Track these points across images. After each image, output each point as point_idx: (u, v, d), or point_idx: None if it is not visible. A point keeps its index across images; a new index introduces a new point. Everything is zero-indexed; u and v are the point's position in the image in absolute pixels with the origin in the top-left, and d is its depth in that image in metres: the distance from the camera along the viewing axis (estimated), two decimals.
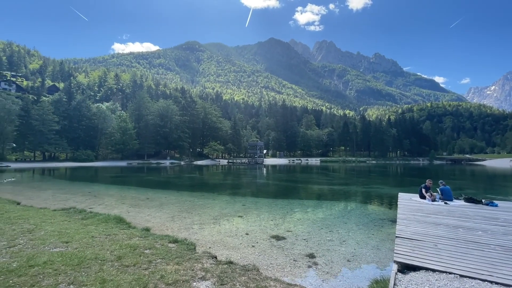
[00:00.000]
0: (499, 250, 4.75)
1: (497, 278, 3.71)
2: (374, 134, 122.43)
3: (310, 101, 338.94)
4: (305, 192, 19.38)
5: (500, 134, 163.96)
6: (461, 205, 9.12)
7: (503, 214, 7.74)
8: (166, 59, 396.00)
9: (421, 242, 5.20)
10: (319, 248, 6.26)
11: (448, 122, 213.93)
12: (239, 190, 19.98)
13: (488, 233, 5.83)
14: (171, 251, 5.07)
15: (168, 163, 67.68)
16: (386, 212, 10.98)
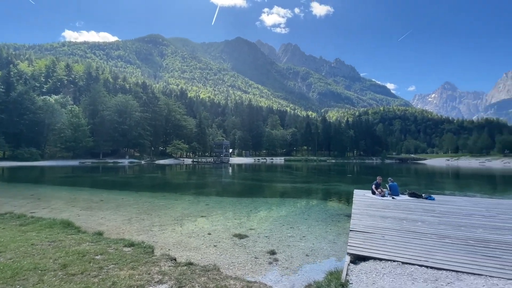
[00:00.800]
0: (434, 238, 5.39)
1: (432, 263, 4.19)
2: (334, 135, 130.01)
3: (275, 101, 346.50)
4: (269, 190, 19.76)
5: (438, 137, 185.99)
6: (405, 200, 10.13)
7: (439, 206, 8.80)
8: (126, 51, 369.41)
9: (371, 234, 5.66)
10: (280, 244, 6.43)
11: (397, 125, 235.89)
12: (203, 189, 19.59)
13: (426, 223, 6.58)
14: (125, 256, 4.76)
15: (127, 162, 63.48)
16: (343, 207, 11.73)
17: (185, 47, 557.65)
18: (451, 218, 7.12)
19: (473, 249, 4.78)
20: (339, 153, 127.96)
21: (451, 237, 5.46)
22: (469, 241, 5.23)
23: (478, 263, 4.15)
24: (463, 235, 5.61)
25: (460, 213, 7.75)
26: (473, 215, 7.56)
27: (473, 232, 5.83)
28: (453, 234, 5.63)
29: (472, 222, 6.68)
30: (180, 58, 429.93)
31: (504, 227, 6.21)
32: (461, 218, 7.13)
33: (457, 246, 4.93)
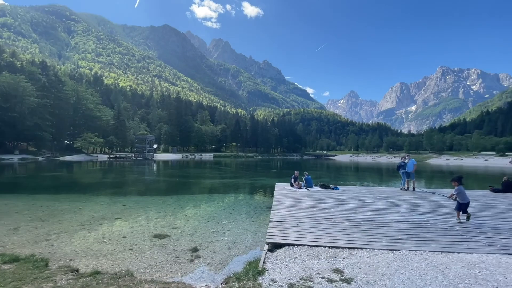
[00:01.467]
0: (336, 222, 6.34)
1: (333, 243, 4.92)
2: (261, 133, 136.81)
3: (205, 96, 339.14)
4: (197, 187, 19.26)
5: (344, 136, 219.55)
6: (317, 191, 11.57)
7: (342, 195, 10.40)
8: (16, 21, 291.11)
9: (287, 223, 6.23)
10: (203, 241, 6.36)
11: (314, 125, 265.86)
12: (120, 189, 17.50)
13: (331, 210, 7.68)
14: (4, 275, 3.81)
15: (17, 158, 50.86)
16: (266, 200, 12.49)
17: (101, 27, 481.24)
18: (350, 205, 8.53)
19: (363, 228, 5.86)
20: (265, 149, 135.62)
21: (348, 220, 6.55)
22: (361, 222, 6.38)
23: (365, 239, 5.12)
24: (357, 217, 6.81)
25: (356, 200, 9.36)
26: (365, 200, 9.26)
27: (364, 214, 7.14)
28: (350, 218, 6.76)
29: (364, 207, 8.17)
30: (94, 38, 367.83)
31: (384, 209, 7.84)
32: (356, 204, 8.63)
33: (352, 227, 5.95)
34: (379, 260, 4.14)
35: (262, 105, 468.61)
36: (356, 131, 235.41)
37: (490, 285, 3.30)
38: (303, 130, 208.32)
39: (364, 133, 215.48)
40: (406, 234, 5.40)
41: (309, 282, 3.44)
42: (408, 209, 7.94)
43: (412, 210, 7.73)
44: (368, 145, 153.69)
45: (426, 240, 5.06)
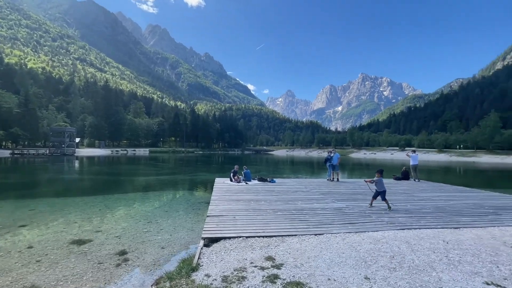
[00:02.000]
0: (270, 213, 6.69)
1: (267, 233, 5.18)
2: (202, 127, 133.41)
3: (140, 86, 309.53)
4: (129, 185, 17.57)
5: (282, 132, 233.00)
6: (255, 184, 11.97)
7: (277, 187, 11.03)
8: None
9: (225, 217, 6.26)
10: (132, 242, 5.87)
11: (254, 121, 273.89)
12: (28, 191, 14.59)
13: (267, 202, 8.06)
14: None
15: None
16: (205, 196, 12.30)
17: None
18: (284, 196, 9.11)
19: (294, 217, 6.35)
20: (207, 144, 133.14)
21: (282, 210, 6.99)
22: (293, 211, 6.90)
23: (295, 227, 5.56)
24: (289, 207, 7.33)
25: (290, 191, 10.07)
26: (297, 191, 10.04)
27: (295, 204, 7.74)
28: (283, 208, 7.23)
29: (296, 197, 8.85)
30: None
31: (313, 199, 8.66)
32: (290, 195, 9.28)
33: (285, 216, 6.38)
34: (307, 244, 4.56)
35: (203, 99, 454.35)
36: (292, 128, 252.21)
37: (389, 255, 4.02)
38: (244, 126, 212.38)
39: (299, 130, 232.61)
40: (329, 219, 6.09)
41: (242, 272, 3.54)
42: (332, 197, 8.97)
43: (336, 198, 8.76)
44: (302, 141, 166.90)
45: (345, 223, 5.81)
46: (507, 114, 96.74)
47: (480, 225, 5.78)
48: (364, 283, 3.19)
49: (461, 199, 8.88)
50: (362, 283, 3.17)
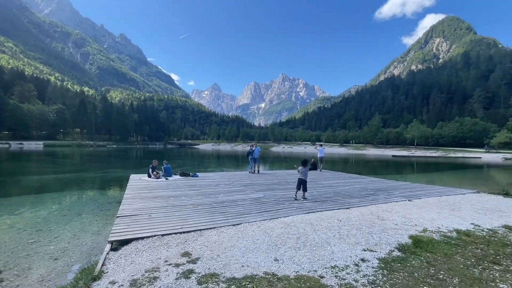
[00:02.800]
0: (190, 208, 6.54)
1: (185, 228, 5.03)
2: (116, 118, 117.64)
3: (29, 64, 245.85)
4: (15, 187, 13.87)
5: (208, 126, 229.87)
6: (177, 179, 11.44)
7: (200, 182, 10.85)
8: None
9: (138, 216, 5.74)
10: (11, 258, 4.70)
11: (179, 114, 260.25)
12: None
13: (188, 197, 7.83)
14: None
15: None
16: (117, 194, 10.97)
17: None
18: (206, 190, 9.04)
19: (214, 210, 6.39)
20: (122, 137, 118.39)
21: (202, 204, 6.93)
22: (213, 204, 6.93)
23: (215, 220, 5.60)
24: (210, 201, 7.34)
25: (212, 185, 10.07)
26: (219, 184, 10.14)
27: (216, 197, 7.80)
28: (204, 202, 7.18)
29: (217, 190, 8.93)
30: None
31: (234, 191, 8.92)
32: (212, 188, 9.28)
33: (205, 210, 6.34)
34: (225, 235, 4.67)
35: (118, 86, 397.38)
36: (218, 122, 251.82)
37: (296, 236, 4.55)
38: (167, 118, 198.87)
39: (225, 124, 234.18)
40: (248, 209, 6.41)
41: (155, 272, 3.34)
42: (252, 188, 9.46)
43: (255, 189, 9.28)
44: (228, 135, 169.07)
45: (261, 212, 6.23)
46: (386, 116, 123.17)
47: (364, 205, 7.20)
48: (273, 264, 3.51)
49: (353, 185, 10.84)
50: (272, 265, 3.49)
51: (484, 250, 4.00)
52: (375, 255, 3.79)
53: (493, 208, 6.85)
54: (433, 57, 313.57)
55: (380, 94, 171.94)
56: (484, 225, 5.37)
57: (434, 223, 5.49)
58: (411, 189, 9.88)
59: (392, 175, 20.78)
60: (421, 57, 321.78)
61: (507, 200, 8.15)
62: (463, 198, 8.23)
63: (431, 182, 15.36)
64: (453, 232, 4.86)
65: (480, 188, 11.14)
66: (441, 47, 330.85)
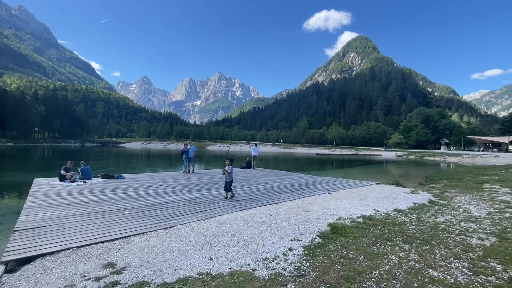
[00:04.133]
0: (115, 213, 5.90)
1: (108, 237, 4.52)
2: (14, 110, 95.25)
3: None
4: None
5: (137, 123, 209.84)
6: (97, 182, 10.10)
7: (126, 184, 9.87)
8: None
9: (46, 228, 4.86)
10: None
11: (100, 108, 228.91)
12: None
13: (112, 201, 7.03)
14: None
15: None
16: (13, 204, 8.95)
17: None
18: (134, 192, 8.29)
19: (144, 214, 5.94)
20: (22, 134, 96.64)
21: (130, 208, 6.34)
22: (143, 208, 6.43)
23: (144, 224, 5.22)
24: (139, 204, 6.78)
25: (141, 187, 9.29)
26: (150, 186, 9.45)
27: (147, 200, 7.26)
28: (132, 206, 6.58)
29: (148, 193, 8.31)
30: None
31: (166, 192, 8.46)
32: (141, 191, 8.57)
33: (133, 215, 5.83)
34: (155, 240, 4.41)
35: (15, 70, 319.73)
36: (148, 118, 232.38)
37: (230, 234, 4.66)
38: (86, 112, 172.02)
39: (156, 121, 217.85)
40: (181, 211, 6.19)
41: None
42: (187, 188, 9.16)
43: (189, 189, 9.02)
44: (160, 132, 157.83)
45: (196, 212, 6.12)
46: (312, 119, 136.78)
47: (292, 199, 7.88)
48: (207, 264, 3.52)
49: (283, 181, 11.71)
50: (206, 264, 3.50)
51: (381, 230, 4.95)
52: (300, 244, 4.23)
53: (388, 196, 8.49)
54: (349, 68, 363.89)
55: (307, 98, 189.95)
56: (382, 210, 6.62)
57: (347, 211, 6.46)
58: (331, 183, 11.31)
59: (316, 171, 23.28)
60: (340, 68, 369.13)
61: (398, 189, 10.22)
62: (368, 189, 9.91)
63: (346, 176, 17.89)
64: (360, 218, 5.83)
65: (380, 180, 13.61)
66: (354, 61, 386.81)
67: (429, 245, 4.16)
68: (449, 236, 4.59)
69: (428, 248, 4.05)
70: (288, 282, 3.07)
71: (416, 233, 4.79)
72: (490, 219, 5.73)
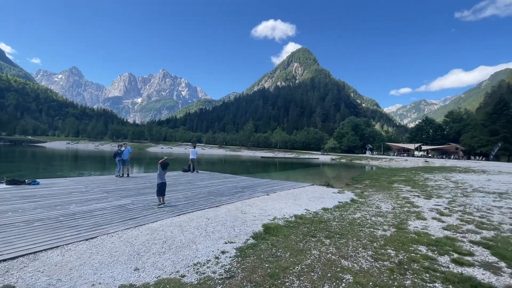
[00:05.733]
0: (22, 226, 5.01)
1: (8, 255, 3.79)
2: None
3: None
4: None
5: (62, 119, 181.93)
6: (1, 189, 8.41)
7: (42, 190, 8.47)
8: None
9: None
10: None
11: (12, 99, 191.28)
12: None
13: (18, 212, 5.94)
14: None
15: None
16: None
17: None
18: (50, 200, 7.18)
19: (61, 225, 5.20)
20: None
21: (43, 219, 5.47)
22: (60, 218, 5.62)
23: (60, 236, 4.57)
24: (56, 213, 5.91)
25: (60, 194, 8.10)
26: (73, 193, 8.32)
27: (66, 208, 6.37)
28: (46, 216, 5.69)
29: (69, 200, 7.30)
30: None
31: (92, 199, 7.59)
32: (60, 198, 7.48)
33: (46, 226, 5.05)
34: (72, 254, 3.92)
35: None
36: (78, 114, 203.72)
37: (162, 241, 4.46)
38: None
39: (87, 118, 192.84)
40: (108, 219, 5.64)
41: None
42: (118, 194, 8.38)
43: (121, 195, 8.27)
44: (91, 131, 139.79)
45: (125, 220, 5.66)
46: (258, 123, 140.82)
47: (232, 201, 7.99)
48: (132, 275, 3.30)
49: (226, 184, 11.76)
50: (131, 276, 3.28)
51: (309, 228, 5.44)
52: (234, 246, 4.34)
53: (318, 196, 9.37)
54: (292, 77, 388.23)
55: (254, 102, 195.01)
56: (312, 209, 7.27)
57: (282, 211, 6.89)
58: (271, 185, 11.86)
59: (260, 174, 24.04)
60: (285, 76, 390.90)
61: (328, 189, 11.35)
62: (303, 190, 10.74)
63: (288, 178, 18.97)
64: (292, 217, 6.28)
65: (315, 182, 14.89)
66: (297, 70, 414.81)
67: (345, 239, 4.76)
68: (361, 230, 5.34)
69: (344, 241, 4.64)
70: (216, 285, 3.12)
71: (337, 228, 5.42)
72: (393, 213, 6.88)
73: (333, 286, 3.11)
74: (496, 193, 10.13)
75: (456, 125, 73.71)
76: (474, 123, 63.20)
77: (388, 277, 3.32)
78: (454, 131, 72.53)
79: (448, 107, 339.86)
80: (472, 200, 8.69)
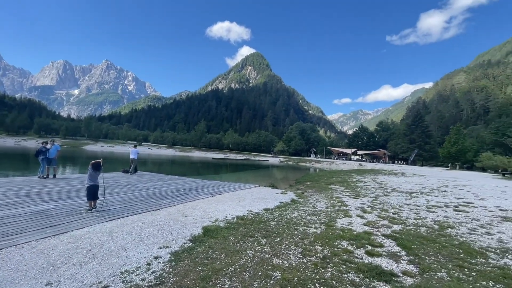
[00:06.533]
0: None
1: None
2: None
3: None
4: None
5: None
6: None
7: None
8: None
9: None
10: None
11: None
12: None
13: None
14: None
15: None
16: None
17: None
18: None
19: None
20: None
21: None
22: None
23: None
24: None
25: None
26: None
27: None
28: None
29: None
30: None
31: (3, 204, 6.45)
32: None
33: None
34: None
35: None
36: None
37: (86, 249, 4.06)
38: None
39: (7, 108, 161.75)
40: (20, 228, 4.87)
41: None
42: (38, 198, 7.30)
43: (42, 199, 7.22)
44: (10, 124, 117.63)
45: (44, 227, 4.97)
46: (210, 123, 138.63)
47: (174, 204, 7.71)
48: None
49: (170, 186, 11.27)
50: None
51: (248, 228, 5.60)
52: (169, 251, 4.20)
53: (262, 197, 9.71)
54: (246, 80, 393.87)
55: (207, 102, 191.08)
56: (254, 209, 7.50)
57: (225, 213, 6.93)
58: (217, 187, 11.80)
59: (211, 175, 23.66)
60: (239, 78, 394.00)
61: (272, 190, 11.84)
62: (249, 191, 10.98)
63: (238, 179, 19.13)
64: (234, 218, 6.38)
65: (261, 183, 15.37)
66: (251, 74, 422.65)
67: (280, 237, 5.06)
68: (296, 228, 5.74)
69: (279, 240, 4.93)
70: None
71: (274, 228, 5.71)
72: (326, 212, 7.56)
73: (262, 284, 3.28)
74: (408, 193, 12.00)
75: (385, 133, 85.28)
76: (398, 132, 74.13)
77: (311, 271, 3.65)
78: (383, 139, 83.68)
79: (379, 118, 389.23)
80: (390, 199, 10.11)
